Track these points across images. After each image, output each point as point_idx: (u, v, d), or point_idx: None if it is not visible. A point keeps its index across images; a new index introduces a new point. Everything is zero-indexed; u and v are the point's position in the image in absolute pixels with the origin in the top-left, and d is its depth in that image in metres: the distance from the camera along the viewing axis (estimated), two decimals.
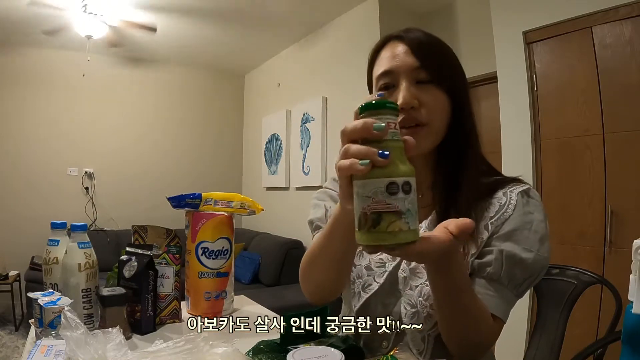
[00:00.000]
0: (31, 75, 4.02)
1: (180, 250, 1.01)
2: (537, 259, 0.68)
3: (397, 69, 0.71)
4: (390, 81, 0.72)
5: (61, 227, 0.94)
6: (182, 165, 4.72)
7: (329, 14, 3.46)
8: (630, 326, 0.47)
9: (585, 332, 1.93)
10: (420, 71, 0.70)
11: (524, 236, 0.69)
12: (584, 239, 2.11)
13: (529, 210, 0.71)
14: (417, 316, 0.73)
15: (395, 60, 0.71)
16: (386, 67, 0.72)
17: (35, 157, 4.04)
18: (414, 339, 0.74)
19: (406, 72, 0.70)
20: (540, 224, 0.70)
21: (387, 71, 0.72)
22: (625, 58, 1.95)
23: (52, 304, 0.76)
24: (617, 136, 2.00)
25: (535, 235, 0.69)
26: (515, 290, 0.69)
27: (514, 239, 0.69)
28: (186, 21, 3.50)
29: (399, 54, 0.71)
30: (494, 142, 2.58)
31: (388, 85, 0.72)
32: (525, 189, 0.74)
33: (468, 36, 2.95)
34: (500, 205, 0.72)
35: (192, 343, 0.60)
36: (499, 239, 0.70)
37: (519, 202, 0.71)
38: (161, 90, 4.65)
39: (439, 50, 0.73)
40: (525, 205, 0.71)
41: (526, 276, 0.69)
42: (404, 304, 0.75)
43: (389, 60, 0.72)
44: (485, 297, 0.68)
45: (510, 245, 0.69)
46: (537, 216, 0.71)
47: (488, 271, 0.68)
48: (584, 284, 1.18)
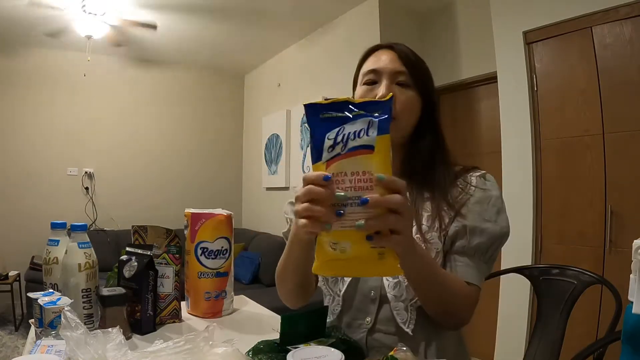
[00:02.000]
0: (31, 76, 4.02)
1: (180, 250, 1.01)
2: (496, 228, 0.80)
3: (382, 69, 0.84)
4: (374, 78, 0.85)
5: (61, 227, 0.94)
6: (182, 165, 4.72)
7: (329, 14, 3.46)
8: (630, 326, 0.47)
9: (585, 332, 1.93)
10: (401, 74, 0.84)
11: (483, 209, 0.81)
12: (584, 239, 2.11)
13: (486, 188, 0.83)
14: (399, 286, 0.81)
15: (382, 62, 0.85)
16: (374, 66, 0.85)
17: (36, 157, 4.04)
18: (398, 309, 0.81)
19: (389, 73, 0.84)
20: (497, 200, 0.83)
21: (374, 69, 0.85)
22: (625, 58, 1.95)
23: (52, 304, 0.76)
24: (617, 136, 2.00)
25: (492, 209, 0.81)
26: (483, 257, 0.80)
27: (474, 213, 0.81)
28: (186, 21, 3.50)
29: (386, 59, 0.85)
30: (494, 142, 2.58)
31: (372, 81, 0.85)
32: (482, 174, 0.86)
33: (468, 36, 2.95)
34: (463, 185, 0.84)
35: (192, 343, 0.60)
36: (463, 216, 0.80)
37: (478, 183, 0.84)
38: (161, 90, 4.65)
39: (419, 62, 0.87)
40: (483, 186, 0.84)
41: (489, 244, 0.80)
42: (385, 277, 0.83)
43: (378, 61, 0.86)
44: (458, 267, 0.79)
45: (471, 219, 0.80)
46: (493, 193, 0.83)
47: (457, 245, 0.80)
48: (584, 284, 1.18)
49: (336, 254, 0.56)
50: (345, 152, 0.55)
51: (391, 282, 0.82)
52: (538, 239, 2.29)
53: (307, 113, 0.58)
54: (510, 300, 2.32)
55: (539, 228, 2.29)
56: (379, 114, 0.56)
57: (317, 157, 0.56)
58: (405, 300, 0.80)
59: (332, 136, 0.56)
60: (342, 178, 0.54)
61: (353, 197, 0.54)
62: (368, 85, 0.85)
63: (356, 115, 0.56)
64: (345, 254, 0.56)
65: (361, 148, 0.55)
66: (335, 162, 0.55)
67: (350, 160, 0.55)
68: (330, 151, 0.55)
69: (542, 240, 2.28)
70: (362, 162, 0.54)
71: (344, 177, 0.54)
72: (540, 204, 2.29)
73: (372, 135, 0.55)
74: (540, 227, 2.29)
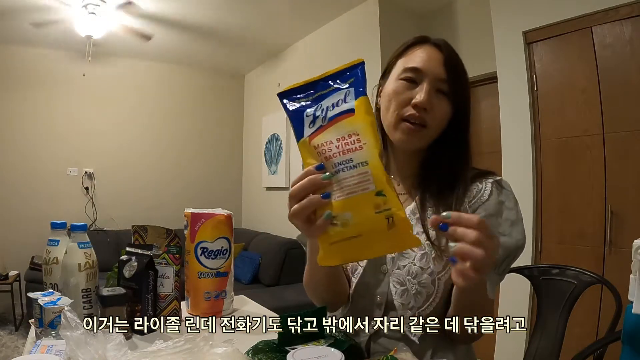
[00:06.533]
0: (31, 75, 4.01)
1: (180, 250, 1.01)
2: (511, 241, 0.77)
3: (427, 71, 0.78)
4: (415, 77, 0.79)
5: (61, 227, 0.94)
6: (182, 165, 4.72)
7: (329, 14, 3.46)
8: (630, 326, 0.47)
9: (585, 332, 1.93)
10: (444, 83, 0.79)
11: (497, 222, 0.78)
12: (584, 239, 2.11)
13: (501, 199, 0.80)
14: (407, 294, 0.79)
15: (429, 63, 0.79)
16: (419, 64, 0.79)
17: (36, 157, 4.04)
18: (404, 317, 0.78)
19: (433, 78, 0.78)
20: (511, 211, 0.80)
21: (419, 69, 0.79)
22: (625, 58, 1.95)
23: (52, 304, 0.76)
24: (617, 136, 2.00)
25: (507, 222, 0.79)
26: (497, 270, 0.77)
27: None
28: (186, 21, 3.50)
29: (434, 60, 0.79)
30: (494, 142, 2.58)
31: (411, 80, 0.80)
32: (498, 180, 0.83)
33: (468, 36, 2.95)
34: (477, 191, 0.81)
35: (192, 343, 0.60)
36: None
37: (494, 191, 0.80)
38: (161, 90, 4.64)
39: (463, 72, 0.82)
40: (499, 195, 0.80)
41: (503, 257, 0.77)
42: (392, 283, 0.81)
43: (424, 60, 0.79)
44: None
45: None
46: (508, 204, 0.80)
47: None
48: (584, 284, 1.18)
49: (338, 230, 0.53)
50: (326, 122, 0.55)
51: (398, 289, 0.80)
52: (538, 239, 2.29)
53: (282, 100, 0.58)
54: (510, 300, 2.32)
55: (539, 228, 2.29)
56: (352, 82, 0.56)
57: (300, 135, 0.56)
58: (413, 309, 0.78)
59: (310, 112, 0.56)
60: (328, 147, 0.54)
61: (343, 162, 0.53)
62: (407, 82, 0.80)
63: (331, 90, 0.56)
64: (349, 227, 0.52)
65: (342, 114, 0.54)
66: (319, 134, 0.55)
67: (333, 127, 0.54)
68: (311, 126, 0.55)
69: (542, 240, 2.28)
70: (345, 126, 0.54)
71: (330, 145, 0.54)
72: (540, 204, 2.29)
73: (350, 101, 0.55)
74: (540, 227, 2.29)
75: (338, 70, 0.57)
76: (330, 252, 0.54)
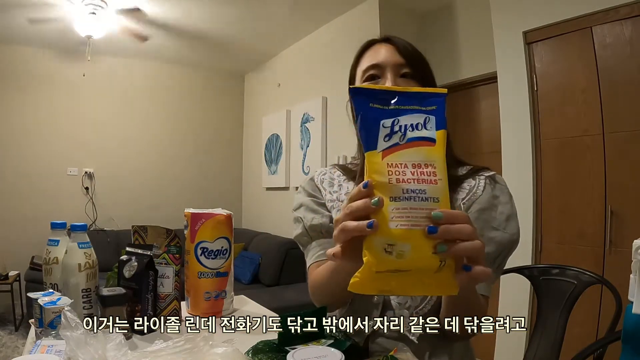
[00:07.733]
0: (31, 75, 4.01)
1: (180, 250, 1.01)
2: (505, 236, 0.76)
3: (384, 63, 0.81)
4: (377, 73, 0.82)
5: (61, 227, 0.94)
6: (182, 165, 4.72)
7: (329, 14, 3.46)
8: (630, 326, 0.47)
9: (585, 332, 1.93)
10: (404, 67, 0.81)
11: (491, 217, 0.77)
12: (584, 239, 2.11)
13: (495, 194, 0.79)
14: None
15: (385, 54, 0.82)
16: (375, 60, 0.82)
17: (36, 157, 4.04)
18: (402, 316, 0.78)
19: (392, 66, 0.81)
20: (506, 205, 0.79)
21: (376, 64, 0.81)
22: (625, 58, 1.95)
23: (52, 304, 0.76)
24: (617, 136, 2.00)
25: (501, 216, 0.78)
26: (491, 266, 0.75)
27: (482, 219, 0.77)
28: (186, 21, 3.50)
29: (386, 52, 0.82)
30: (494, 142, 2.58)
31: (375, 76, 0.82)
32: (492, 175, 0.82)
33: (468, 36, 2.95)
34: (470, 187, 0.80)
35: (192, 343, 0.60)
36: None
37: (487, 186, 0.80)
38: (161, 90, 4.64)
39: (417, 53, 0.84)
40: (493, 189, 0.80)
41: (497, 252, 0.76)
42: None
43: (379, 54, 0.82)
44: None
45: (478, 227, 0.74)
46: (502, 199, 0.79)
47: None
48: (584, 284, 1.18)
49: (391, 259, 0.47)
50: (404, 142, 0.51)
51: None
52: (538, 239, 2.29)
53: (353, 97, 0.54)
54: (510, 300, 2.32)
55: (539, 228, 2.29)
56: (434, 110, 0.53)
57: (372, 145, 0.51)
58: (410, 308, 0.78)
59: (387, 124, 0.51)
60: (402, 169, 0.49)
61: (416, 190, 0.48)
62: (371, 81, 0.82)
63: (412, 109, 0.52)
64: (403, 260, 0.47)
65: (422, 139, 0.51)
66: (394, 152, 0.50)
67: (411, 151, 0.50)
68: (386, 140, 0.51)
69: (542, 240, 2.28)
70: (423, 153, 0.50)
71: (404, 168, 0.50)
72: (540, 203, 2.29)
73: (432, 130, 0.51)
74: (540, 227, 2.29)
75: (421, 91, 0.54)
76: (370, 280, 0.49)
